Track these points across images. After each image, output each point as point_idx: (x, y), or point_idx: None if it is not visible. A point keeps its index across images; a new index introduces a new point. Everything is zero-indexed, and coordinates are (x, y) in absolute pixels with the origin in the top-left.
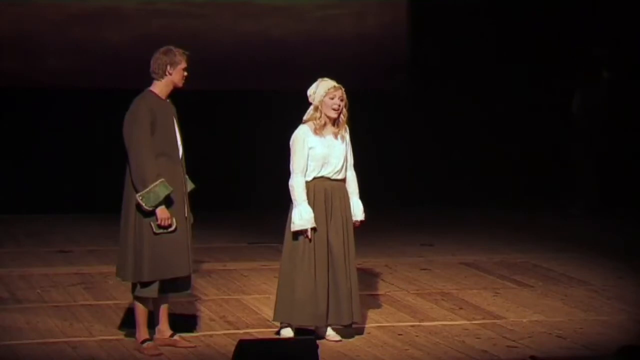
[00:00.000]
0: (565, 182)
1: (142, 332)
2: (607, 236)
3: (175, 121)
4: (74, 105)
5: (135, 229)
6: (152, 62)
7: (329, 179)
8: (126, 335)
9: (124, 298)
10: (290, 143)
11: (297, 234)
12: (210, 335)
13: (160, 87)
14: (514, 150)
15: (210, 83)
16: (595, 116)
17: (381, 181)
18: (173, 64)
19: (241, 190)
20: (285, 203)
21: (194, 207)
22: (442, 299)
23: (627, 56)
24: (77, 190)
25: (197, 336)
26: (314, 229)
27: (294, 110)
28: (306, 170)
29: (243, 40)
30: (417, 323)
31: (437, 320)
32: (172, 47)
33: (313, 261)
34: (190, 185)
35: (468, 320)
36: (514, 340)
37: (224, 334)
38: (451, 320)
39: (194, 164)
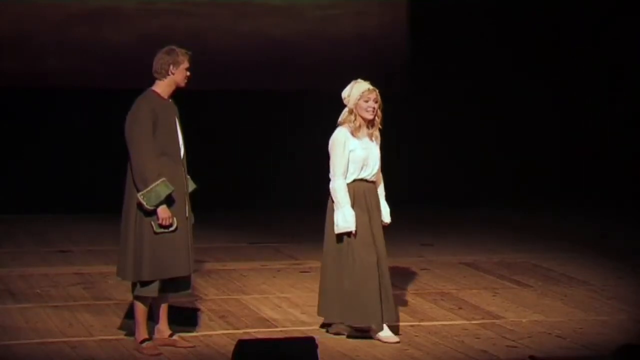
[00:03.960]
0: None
1: (142, 331)
2: (607, 236)
3: (177, 121)
4: (74, 105)
5: (135, 229)
6: (154, 61)
7: (366, 180)
8: (126, 335)
9: (124, 298)
10: (330, 146)
11: (341, 235)
12: (210, 335)
13: (162, 87)
14: (514, 151)
15: (211, 83)
16: None
17: None
18: (176, 64)
19: (241, 190)
20: (285, 202)
21: (194, 207)
22: (442, 299)
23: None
24: (77, 190)
25: (196, 336)
26: (357, 231)
27: (294, 110)
28: (347, 172)
29: (243, 40)
30: (417, 323)
31: (437, 320)
32: (174, 47)
33: (362, 262)
34: (191, 186)
35: (467, 320)
36: (513, 340)
37: (224, 334)
38: (451, 320)
39: (193, 164)
